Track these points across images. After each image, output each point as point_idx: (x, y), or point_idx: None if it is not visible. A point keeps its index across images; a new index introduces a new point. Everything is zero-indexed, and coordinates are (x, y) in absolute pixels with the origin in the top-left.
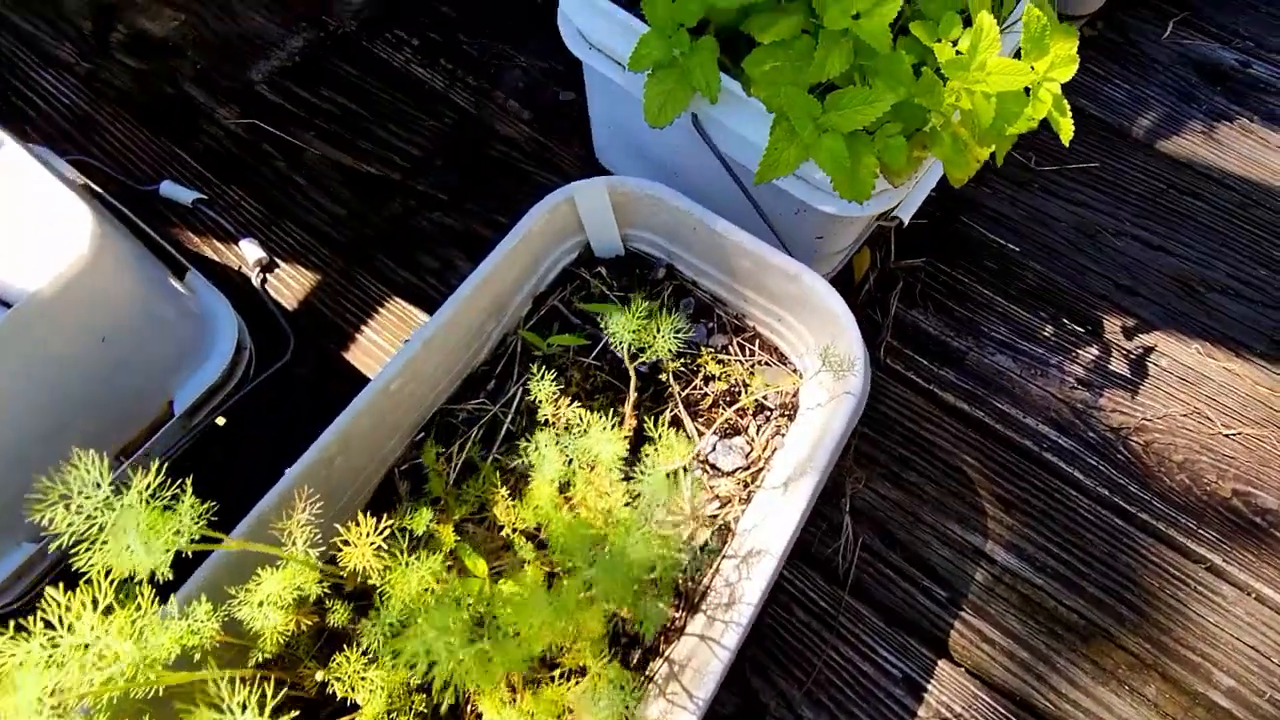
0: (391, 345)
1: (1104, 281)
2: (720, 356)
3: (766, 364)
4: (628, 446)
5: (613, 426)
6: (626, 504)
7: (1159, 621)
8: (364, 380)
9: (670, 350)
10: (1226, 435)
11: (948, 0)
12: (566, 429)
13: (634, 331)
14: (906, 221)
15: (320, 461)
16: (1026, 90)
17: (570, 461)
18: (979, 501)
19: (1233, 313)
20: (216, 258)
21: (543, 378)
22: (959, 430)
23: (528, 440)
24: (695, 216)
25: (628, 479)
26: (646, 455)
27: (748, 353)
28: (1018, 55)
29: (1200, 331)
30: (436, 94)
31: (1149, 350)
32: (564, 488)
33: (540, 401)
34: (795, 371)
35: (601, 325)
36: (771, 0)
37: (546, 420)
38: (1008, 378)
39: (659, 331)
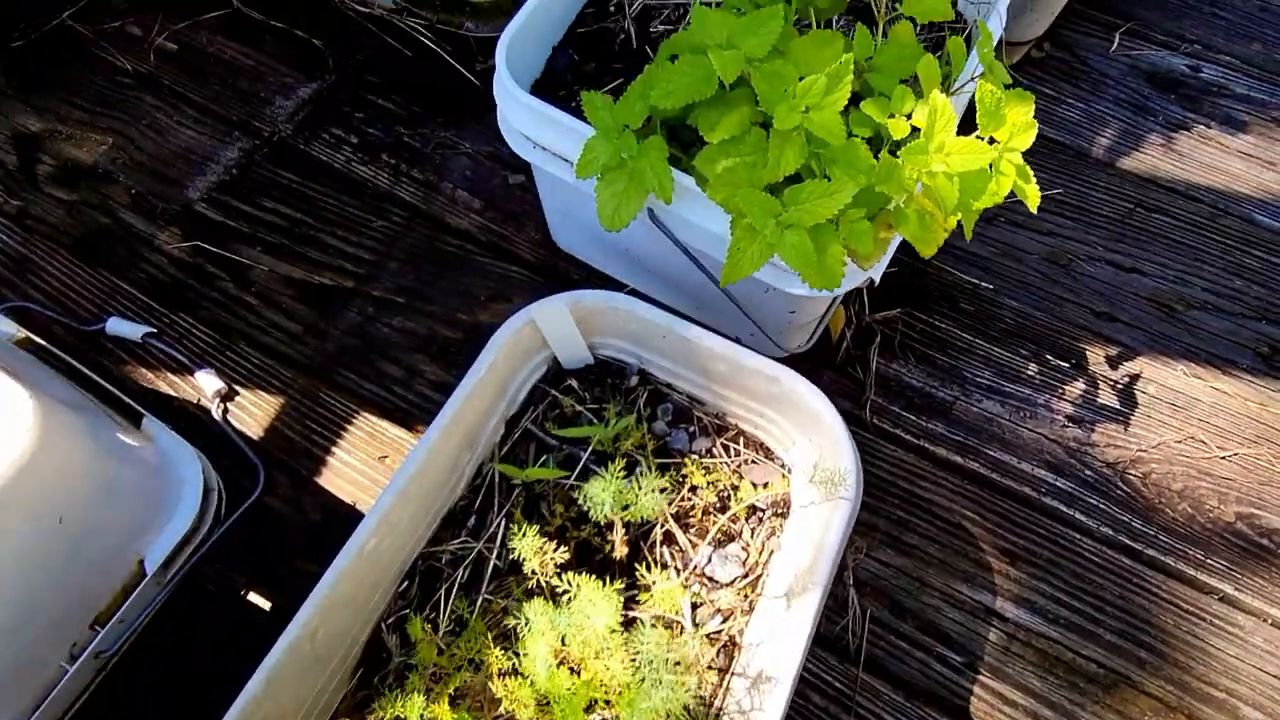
0: (364, 464)
1: (1082, 311)
2: (705, 462)
3: (753, 462)
4: (620, 604)
5: (603, 581)
6: (631, 656)
7: (1179, 660)
8: (340, 505)
9: (654, 508)
10: (1223, 458)
11: (897, 68)
12: (559, 573)
13: (615, 494)
14: (878, 280)
15: (302, 637)
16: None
17: (563, 637)
18: (983, 557)
19: (1214, 329)
20: (173, 392)
21: (524, 534)
22: (955, 484)
23: (517, 583)
24: (663, 326)
25: (627, 623)
26: (642, 602)
27: (732, 453)
28: (972, 116)
29: (1184, 352)
30: (382, 192)
31: (1135, 378)
32: (562, 639)
33: (524, 558)
34: (783, 467)
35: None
36: (715, 94)
37: (534, 572)
38: (997, 424)
39: (640, 490)
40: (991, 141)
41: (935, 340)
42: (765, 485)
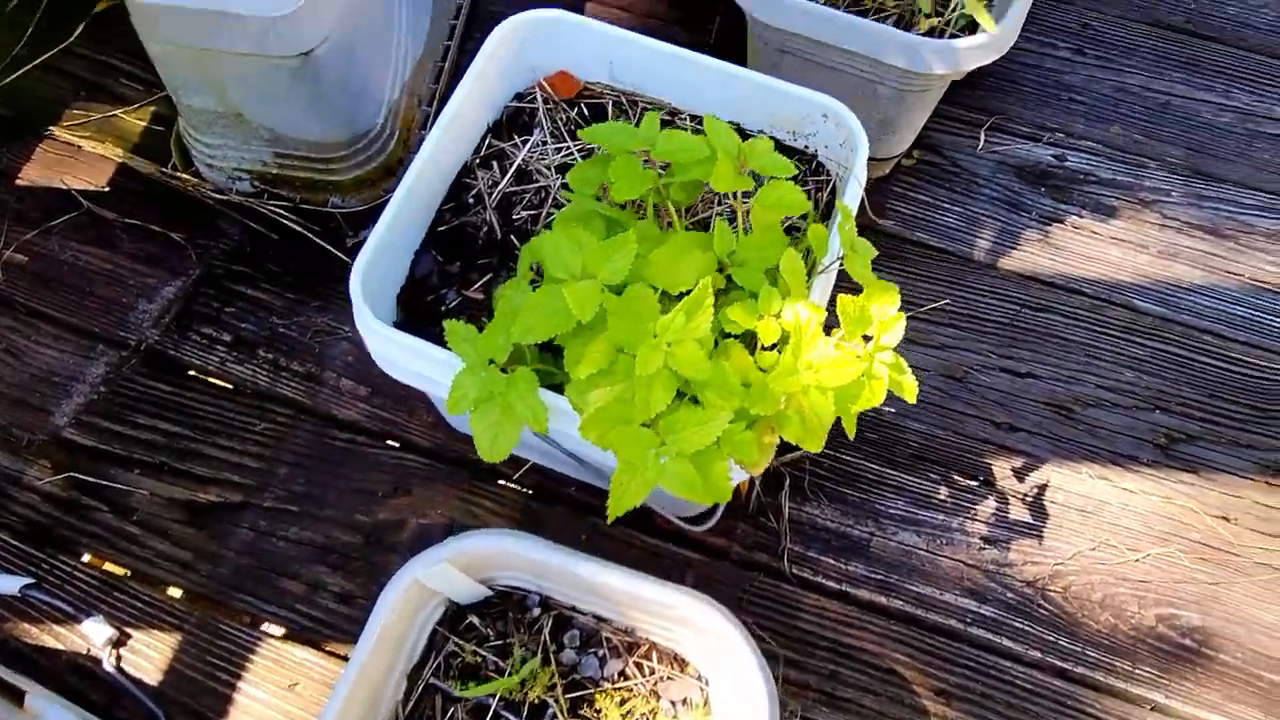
0: (273, 695)
1: (984, 424)
2: (619, 685)
3: (668, 678)
4: None
5: None
6: None
7: None
8: None
9: None
10: (1136, 560)
11: (761, 258)
12: None
13: None
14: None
15: None
16: None
17: None
18: (919, 701)
19: (1112, 425)
20: (61, 645)
21: None
22: (882, 627)
23: None
24: (556, 566)
25: None
26: None
27: (646, 671)
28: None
29: (1087, 454)
30: (262, 391)
31: (1043, 488)
32: None
33: None
34: (700, 679)
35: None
36: (576, 328)
37: None
38: (916, 556)
39: None
40: (866, 338)
41: (845, 475)
42: (684, 702)
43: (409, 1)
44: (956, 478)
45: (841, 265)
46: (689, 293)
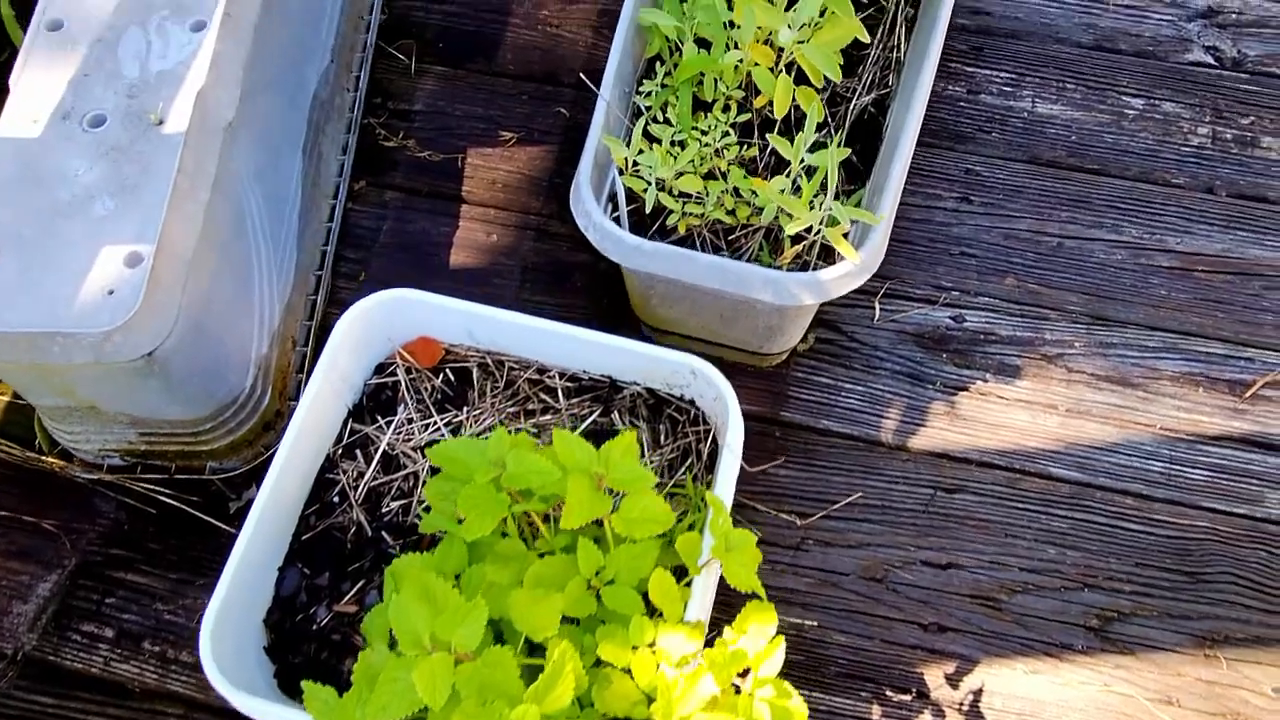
0: None
1: (910, 628)
2: None
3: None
4: None
5: None
6: None
7: None
8: None
9: None
10: None
11: (632, 572)
12: None
13: None
14: None
15: None
16: None
17: None
18: None
19: (1041, 612)
20: None
21: None
22: None
23: None
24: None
25: None
26: None
27: None
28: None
29: (1020, 648)
30: (151, 689)
31: (979, 693)
32: None
33: None
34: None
35: None
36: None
37: None
38: None
39: None
40: (744, 673)
41: None
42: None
43: (268, 250)
44: (889, 694)
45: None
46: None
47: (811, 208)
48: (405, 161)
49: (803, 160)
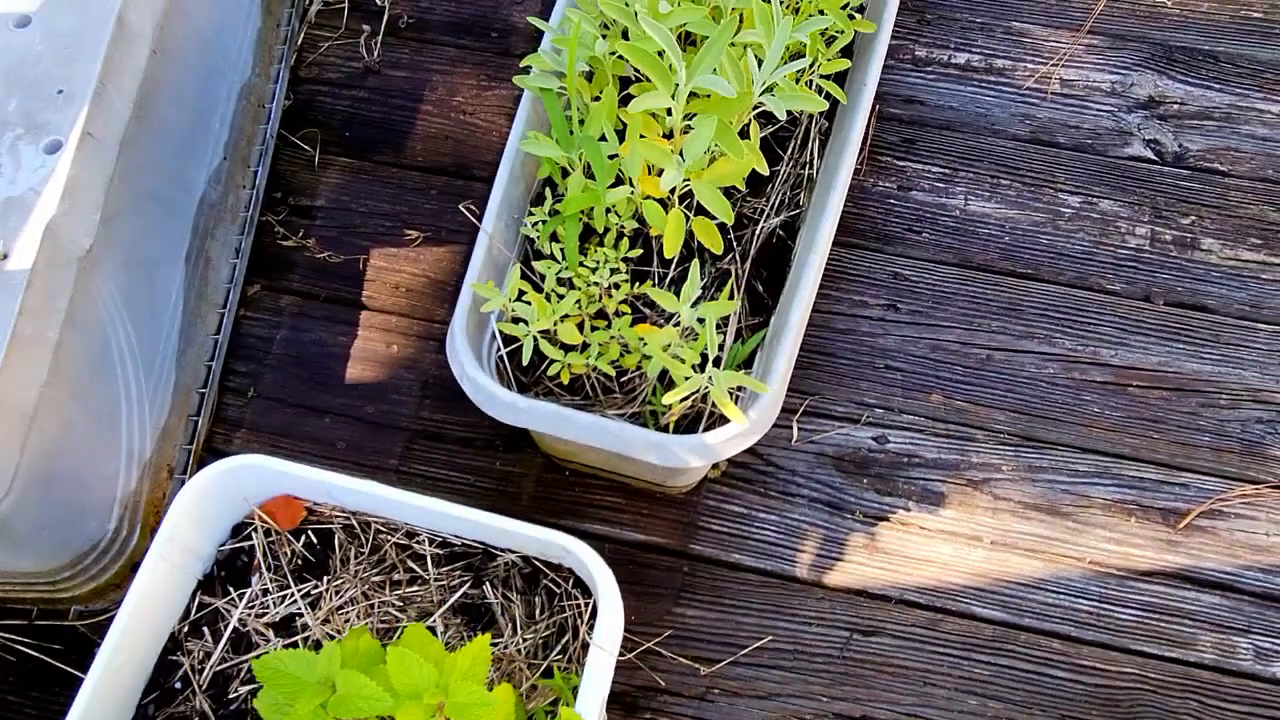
0: None
1: None
2: None
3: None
4: None
5: None
6: None
7: None
8: None
9: None
10: None
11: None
12: None
13: None
14: None
15: None
16: None
17: None
18: None
19: None
20: None
21: None
22: None
23: None
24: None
25: None
26: None
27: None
28: None
29: None
30: None
31: None
32: None
33: None
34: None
35: None
36: None
37: None
38: None
39: None
40: None
41: None
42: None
43: (139, 378)
44: None
45: None
46: None
47: (705, 358)
48: (304, 263)
49: (695, 304)
